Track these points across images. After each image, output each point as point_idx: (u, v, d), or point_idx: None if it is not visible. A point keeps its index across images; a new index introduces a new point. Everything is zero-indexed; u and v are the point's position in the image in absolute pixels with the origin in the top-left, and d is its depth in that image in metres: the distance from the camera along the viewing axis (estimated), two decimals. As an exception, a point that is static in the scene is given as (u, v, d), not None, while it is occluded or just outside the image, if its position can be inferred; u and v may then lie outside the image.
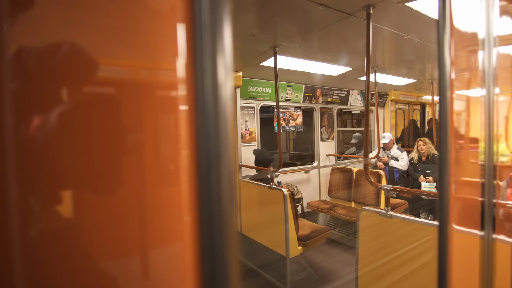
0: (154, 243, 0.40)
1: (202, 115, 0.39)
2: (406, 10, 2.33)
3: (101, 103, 0.36)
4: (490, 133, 0.85)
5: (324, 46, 3.24)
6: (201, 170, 0.40)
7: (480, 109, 0.84)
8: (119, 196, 0.38)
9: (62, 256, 0.35)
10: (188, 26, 0.39)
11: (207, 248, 0.40)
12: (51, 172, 0.34)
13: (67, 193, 0.35)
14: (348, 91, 5.24)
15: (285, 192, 2.93)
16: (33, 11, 0.33)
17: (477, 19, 0.81)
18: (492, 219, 0.87)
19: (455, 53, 0.68)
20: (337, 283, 3.07)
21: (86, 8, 0.36)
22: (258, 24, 2.59)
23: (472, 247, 0.84)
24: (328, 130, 5.15)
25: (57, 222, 0.36)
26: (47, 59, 0.34)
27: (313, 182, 4.91)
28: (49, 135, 0.33)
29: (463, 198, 0.82)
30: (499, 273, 0.92)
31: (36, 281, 0.34)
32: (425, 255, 1.76)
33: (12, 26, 0.32)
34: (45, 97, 0.33)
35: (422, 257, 1.83)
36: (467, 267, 0.83)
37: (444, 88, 0.66)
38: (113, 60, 0.37)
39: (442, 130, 0.68)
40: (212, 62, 0.39)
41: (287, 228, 2.89)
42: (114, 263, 0.38)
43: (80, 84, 0.35)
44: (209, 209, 0.40)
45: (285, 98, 4.51)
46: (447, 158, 0.69)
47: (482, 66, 0.82)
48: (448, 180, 0.69)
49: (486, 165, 0.85)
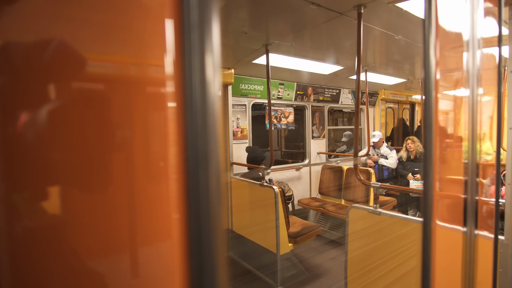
0: (142, 240, 0.40)
1: (190, 113, 0.39)
2: (397, 10, 2.36)
3: (89, 99, 0.36)
4: (473, 132, 0.87)
5: (316, 45, 3.26)
6: (189, 168, 0.40)
7: (464, 108, 0.87)
8: (107, 193, 0.37)
9: (50, 253, 0.35)
10: (176, 23, 0.39)
11: (195, 245, 0.40)
12: (38, 169, 0.33)
13: (55, 190, 0.35)
14: (339, 90, 5.29)
15: (276, 190, 2.95)
16: (20, 5, 0.32)
17: (462, 21, 0.83)
18: (475, 216, 0.90)
19: (440, 54, 0.70)
20: (326, 278, 3.12)
21: (75, 3, 0.35)
22: (250, 21, 2.58)
23: (455, 243, 0.87)
24: (319, 128, 5.20)
25: (45, 219, 0.35)
26: (35, 55, 0.33)
27: (304, 179, 4.95)
28: (36, 131, 0.33)
29: (446, 195, 0.84)
30: (480, 266, 0.95)
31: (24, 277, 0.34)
32: (412, 250, 1.81)
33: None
34: (32, 94, 0.33)
35: (409, 252, 1.88)
36: (449, 261, 0.86)
37: (429, 88, 0.68)
38: (101, 55, 0.37)
39: (427, 129, 0.70)
40: (200, 60, 0.39)
41: (278, 225, 2.91)
42: (103, 260, 0.38)
43: (68, 80, 0.35)
44: (197, 206, 0.40)
45: (277, 96, 4.52)
46: (431, 157, 0.71)
47: (466, 67, 0.84)
48: (432, 177, 0.71)
49: (469, 164, 0.87)
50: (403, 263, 1.93)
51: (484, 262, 1.02)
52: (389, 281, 2.01)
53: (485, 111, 1.09)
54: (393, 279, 1.99)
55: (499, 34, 1.07)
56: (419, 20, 2.43)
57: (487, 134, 1.18)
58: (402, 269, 1.93)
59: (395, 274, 1.98)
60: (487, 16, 0.97)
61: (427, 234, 0.70)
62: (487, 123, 1.15)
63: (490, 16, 1.01)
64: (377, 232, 2.12)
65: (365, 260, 2.22)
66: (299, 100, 4.80)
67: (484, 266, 1.03)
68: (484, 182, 1.17)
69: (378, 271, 2.10)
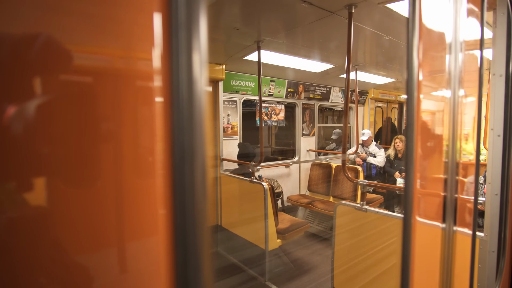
0: (127, 234, 0.40)
1: (177, 108, 0.40)
2: (387, 11, 2.40)
3: (74, 91, 0.36)
4: (454, 132, 0.91)
5: (307, 43, 3.27)
6: (175, 164, 0.40)
7: (445, 109, 0.90)
8: (91, 187, 0.37)
9: (34, 247, 0.35)
10: (165, 19, 0.39)
11: (180, 239, 0.41)
12: (22, 162, 0.33)
13: (39, 183, 0.35)
14: (329, 88, 5.34)
15: (266, 186, 2.97)
16: None
17: (446, 24, 0.86)
18: (454, 213, 0.94)
19: (423, 55, 0.72)
20: (314, 273, 3.17)
21: None
22: (242, 17, 2.57)
23: (434, 238, 0.91)
24: (309, 125, 5.24)
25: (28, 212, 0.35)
26: (19, 46, 0.33)
27: (293, 176, 5.00)
28: (20, 124, 0.32)
29: (427, 193, 0.87)
30: (458, 261, 0.99)
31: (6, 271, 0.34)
32: (395, 245, 1.86)
33: None
34: (16, 86, 0.33)
35: (393, 247, 1.93)
36: (429, 255, 0.89)
37: (412, 88, 0.70)
38: (88, 47, 0.37)
39: (409, 128, 0.72)
40: (187, 57, 0.40)
41: (267, 222, 2.93)
42: (87, 254, 0.38)
43: (53, 71, 0.35)
44: (182, 201, 0.40)
45: (268, 93, 4.53)
46: (412, 155, 0.73)
47: (448, 68, 0.87)
48: (414, 175, 0.74)
49: (449, 162, 0.91)
50: (387, 258, 1.99)
51: (462, 257, 1.07)
52: (373, 274, 2.07)
53: (469, 112, 1.13)
54: (377, 273, 2.05)
55: (481, 37, 1.11)
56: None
57: (470, 135, 1.22)
58: (386, 263, 1.99)
59: (379, 268, 2.04)
60: (471, 19, 1.00)
61: (407, 229, 0.73)
62: (470, 124, 1.19)
63: (473, 19, 1.04)
64: (363, 228, 2.17)
65: (351, 255, 2.27)
66: (290, 97, 4.82)
67: (462, 260, 1.07)
68: (465, 181, 1.22)
69: (363, 265, 2.15)
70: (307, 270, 3.26)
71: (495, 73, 1.55)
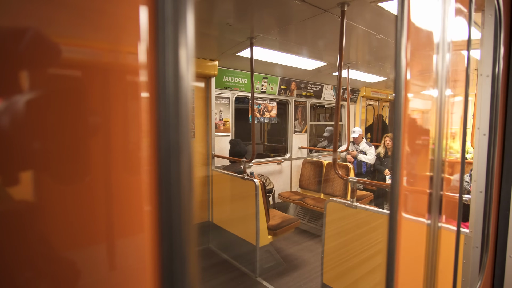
0: (113, 231, 0.40)
1: (163, 104, 0.40)
2: (379, 10, 2.42)
3: (57, 85, 0.35)
4: (440, 131, 0.92)
5: (300, 40, 3.28)
6: (161, 160, 0.40)
7: (432, 108, 0.91)
8: (76, 182, 0.37)
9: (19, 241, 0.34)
10: (151, 13, 0.39)
11: (165, 235, 0.41)
12: (8, 156, 0.32)
13: (24, 177, 0.34)
14: (322, 86, 5.37)
15: (257, 183, 2.98)
16: None
17: (434, 24, 0.87)
18: (439, 209, 0.96)
19: (411, 54, 0.73)
20: (304, 269, 3.21)
21: None
22: (235, 13, 2.56)
23: (419, 234, 0.93)
24: (301, 123, 5.26)
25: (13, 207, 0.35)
26: (5, 39, 0.32)
27: (285, 173, 5.02)
28: (5, 119, 0.32)
29: (412, 190, 0.89)
30: (442, 256, 1.02)
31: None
32: (384, 241, 1.90)
33: None
34: (2, 79, 0.32)
35: (382, 243, 1.97)
36: (414, 251, 0.92)
37: (399, 87, 0.71)
38: (74, 40, 0.36)
39: (396, 127, 0.73)
40: (174, 52, 0.39)
41: (258, 218, 2.95)
42: (73, 249, 0.38)
43: (38, 64, 0.34)
44: (168, 197, 0.40)
45: (261, 90, 4.53)
46: (399, 153, 0.74)
47: (436, 68, 0.88)
48: (400, 172, 0.75)
49: (435, 160, 0.93)
50: (375, 253, 2.03)
51: (446, 252, 1.10)
52: (362, 270, 2.11)
53: (457, 111, 1.15)
54: (366, 268, 2.09)
55: (469, 38, 1.13)
56: (399, 21, 2.50)
57: (458, 134, 1.24)
58: (375, 258, 2.03)
59: (368, 264, 2.08)
60: (459, 20, 1.02)
61: (393, 225, 0.74)
62: (457, 123, 1.21)
63: (461, 20, 1.06)
64: (353, 225, 2.21)
65: (340, 251, 2.31)
66: (282, 94, 4.83)
67: (446, 255, 1.10)
68: (451, 178, 1.24)
69: (352, 261, 2.19)
70: (297, 266, 3.29)
71: (482, 73, 1.58)
